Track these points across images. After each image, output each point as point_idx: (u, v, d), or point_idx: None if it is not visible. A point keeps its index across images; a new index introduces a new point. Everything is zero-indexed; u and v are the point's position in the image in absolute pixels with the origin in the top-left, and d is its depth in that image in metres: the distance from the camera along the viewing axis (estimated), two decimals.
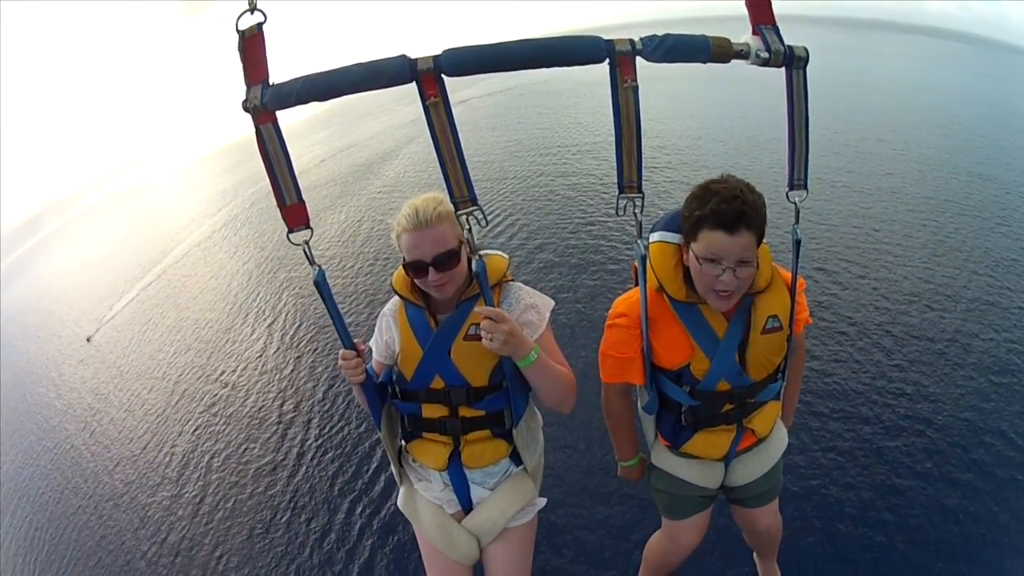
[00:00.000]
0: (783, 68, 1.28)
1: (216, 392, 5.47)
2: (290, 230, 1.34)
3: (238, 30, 1.20)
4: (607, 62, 1.19)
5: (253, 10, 1.19)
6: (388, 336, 1.63)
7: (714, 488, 1.74)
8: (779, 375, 1.61)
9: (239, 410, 5.04)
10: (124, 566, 3.76)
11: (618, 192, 1.29)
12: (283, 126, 1.26)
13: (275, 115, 1.26)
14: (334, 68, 1.22)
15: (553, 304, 1.62)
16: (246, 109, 1.24)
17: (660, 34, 1.20)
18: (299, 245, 1.34)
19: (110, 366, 7.10)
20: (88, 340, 8.27)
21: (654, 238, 1.55)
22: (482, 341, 1.39)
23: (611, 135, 1.25)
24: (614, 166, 1.28)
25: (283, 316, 6.56)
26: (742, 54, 1.24)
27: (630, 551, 2.79)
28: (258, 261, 8.88)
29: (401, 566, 3.08)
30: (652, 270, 1.49)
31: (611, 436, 1.81)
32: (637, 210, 1.28)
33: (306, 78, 1.22)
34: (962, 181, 7.56)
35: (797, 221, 1.41)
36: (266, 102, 1.23)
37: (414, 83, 1.18)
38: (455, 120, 1.21)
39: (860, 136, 10.07)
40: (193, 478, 4.36)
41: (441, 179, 1.26)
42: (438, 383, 1.56)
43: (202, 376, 5.88)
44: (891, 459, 3.17)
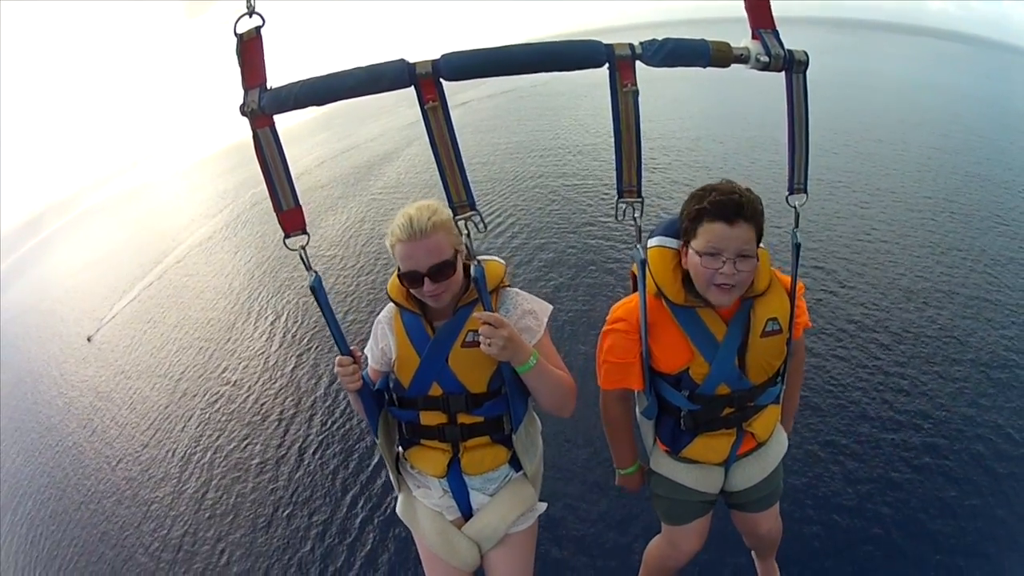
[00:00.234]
0: (783, 72, 1.27)
1: (218, 389, 5.49)
2: (286, 235, 1.33)
3: (236, 33, 1.18)
4: (607, 66, 1.18)
5: (251, 13, 1.18)
6: (384, 344, 1.60)
7: (714, 493, 1.72)
8: (779, 378, 1.60)
9: (241, 407, 5.06)
10: (127, 560, 3.79)
11: (617, 197, 1.27)
12: (284, 128, 1.25)
13: (272, 119, 1.25)
14: (332, 72, 1.21)
15: (551, 309, 1.60)
16: (243, 113, 1.23)
17: (660, 38, 1.19)
18: (295, 250, 1.32)
19: (111, 365, 7.13)
20: (89, 340, 8.29)
21: (652, 243, 1.55)
22: (480, 347, 1.37)
23: (611, 136, 1.25)
24: (614, 168, 1.28)
25: (285, 314, 6.58)
26: (742, 58, 1.24)
27: (629, 543, 2.82)
28: (259, 260, 8.91)
29: (403, 559, 3.10)
30: (651, 274, 1.48)
31: (609, 443, 1.79)
32: (637, 215, 1.27)
33: (304, 82, 1.20)
34: (961, 180, 7.59)
35: (797, 225, 1.39)
36: (264, 106, 1.21)
37: (412, 87, 1.17)
38: (454, 124, 1.20)
39: (859, 136, 10.10)
40: (195, 474, 4.39)
41: (440, 182, 1.25)
42: (436, 390, 1.54)
43: (204, 374, 5.91)
44: (889, 453, 3.19)
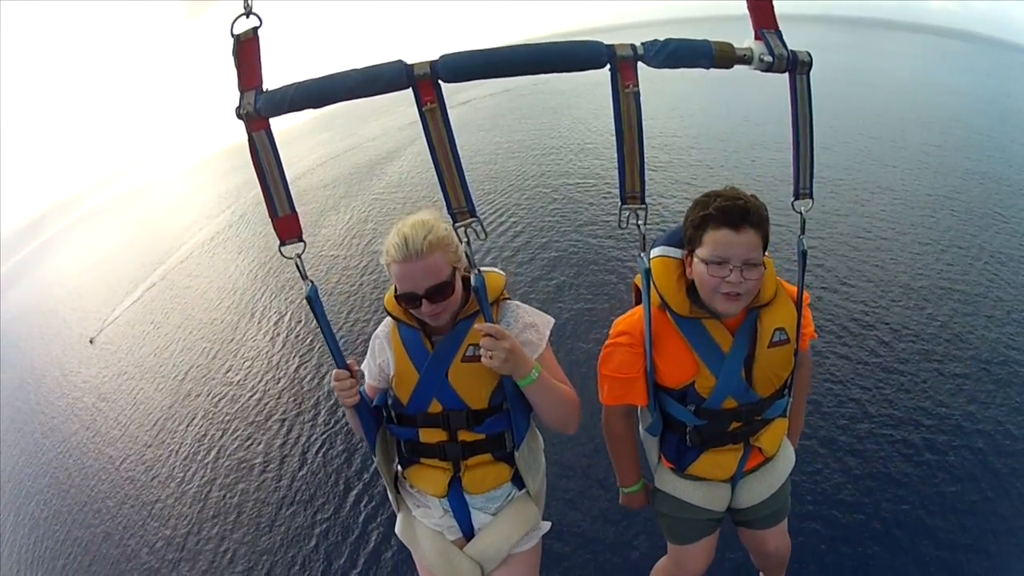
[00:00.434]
0: (786, 73, 1.25)
1: (221, 390, 5.51)
2: (282, 243, 1.28)
3: (233, 34, 1.16)
4: (608, 67, 1.16)
5: (248, 14, 1.16)
6: (382, 359, 1.55)
7: (721, 511, 1.67)
8: (786, 391, 1.55)
9: (244, 406, 5.08)
10: (130, 558, 3.81)
11: (620, 203, 1.24)
12: (284, 127, 1.24)
13: (268, 122, 1.23)
14: (329, 74, 1.18)
15: (553, 322, 1.55)
16: (239, 116, 1.21)
17: (662, 39, 1.17)
18: (291, 259, 1.27)
19: (114, 366, 7.15)
20: (91, 341, 8.29)
21: (655, 253, 1.50)
22: (482, 359, 1.33)
23: (611, 134, 1.24)
24: (615, 167, 1.25)
25: (288, 314, 6.60)
26: (745, 59, 1.21)
27: (630, 539, 2.83)
28: (262, 261, 8.91)
29: (405, 556, 3.07)
30: (654, 286, 1.43)
31: (613, 461, 1.74)
32: (640, 222, 1.23)
33: (300, 84, 1.18)
34: (960, 177, 7.59)
35: (803, 231, 1.33)
36: (259, 108, 1.19)
37: (410, 89, 1.14)
38: (453, 125, 1.16)
39: (859, 133, 10.08)
40: (199, 473, 4.41)
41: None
42: (436, 407, 1.48)
43: (207, 374, 5.93)
44: (889, 450, 3.20)
